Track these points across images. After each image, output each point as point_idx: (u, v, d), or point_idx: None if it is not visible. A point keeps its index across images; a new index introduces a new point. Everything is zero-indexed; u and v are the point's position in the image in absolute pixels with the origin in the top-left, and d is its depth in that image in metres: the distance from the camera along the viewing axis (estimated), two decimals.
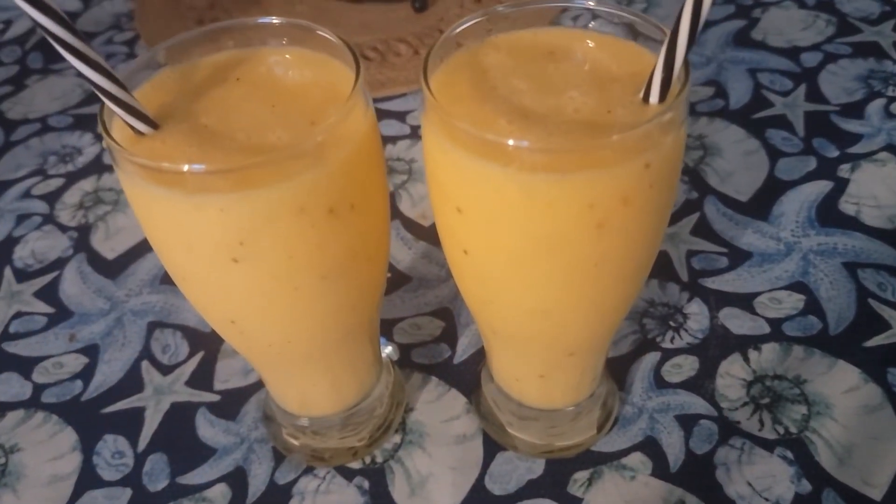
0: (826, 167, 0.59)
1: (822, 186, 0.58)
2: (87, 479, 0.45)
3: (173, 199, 0.29)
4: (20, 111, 0.73)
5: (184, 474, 0.45)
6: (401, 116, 0.68)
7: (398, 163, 0.63)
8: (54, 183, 0.65)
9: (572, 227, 0.29)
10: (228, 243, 0.30)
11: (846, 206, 0.56)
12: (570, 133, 0.29)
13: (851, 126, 0.62)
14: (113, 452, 0.46)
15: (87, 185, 0.64)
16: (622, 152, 0.28)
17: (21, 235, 0.60)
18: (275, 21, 0.34)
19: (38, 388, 0.50)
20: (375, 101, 0.69)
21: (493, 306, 0.35)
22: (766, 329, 0.49)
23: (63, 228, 0.61)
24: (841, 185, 0.58)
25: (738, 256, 0.53)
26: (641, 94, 0.31)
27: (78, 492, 0.44)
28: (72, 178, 0.65)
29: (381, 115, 0.68)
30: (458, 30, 0.33)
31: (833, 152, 0.60)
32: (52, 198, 0.63)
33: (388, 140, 0.65)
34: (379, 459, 0.45)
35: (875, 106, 0.64)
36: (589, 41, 0.34)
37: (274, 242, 0.30)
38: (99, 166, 0.66)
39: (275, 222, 0.29)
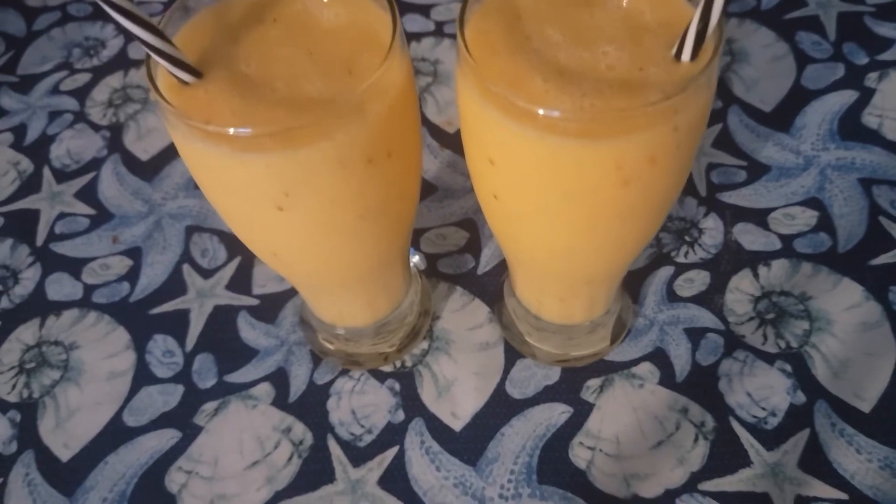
0: (853, 75, 0.59)
1: (848, 97, 0.58)
2: (142, 375, 0.49)
3: (221, 155, 0.30)
4: None
5: (230, 373, 0.49)
6: (424, 10, 0.67)
7: (423, 63, 0.63)
8: (81, 78, 0.65)
9: (599, 184, 0.31)
10: (274, 195, 0.32)
11: (869, 118, 0.56)
12: (602, 93, 0.30)
13: (885, 30, 0.61)
14: (164, 351, 0.50)
15: (114, 81, 0.65)
16: (651, 118, 0.29)
17: (55, 133, 0.62)
18: None
19: (89, 289, 0.53)
20: None
21: (520, 244, 0.38)
22: (778, 245, 0.51)
23: (95, 127, 0.62)
24: (866, 96, 0.57)
25: (757, 170, 0.55)
26: (674, 51, 0.31)
27: (135, 387, 0.49)
28: (99, 74, 0.66)
29: (403, 8, 0.67)
30: None
31: (862, 59, 0.60)
32: (81, 94, 0.64)
33: (411, 37, 0.65)
34: (408, 364, 0.48)
35: None
36: None
37: (316, 192, 0.32)
38: (124, 61, 0.66)
39: (317, 175, 0.31)
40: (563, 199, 0.32)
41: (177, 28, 0.34)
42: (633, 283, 0.50)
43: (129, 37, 0.30)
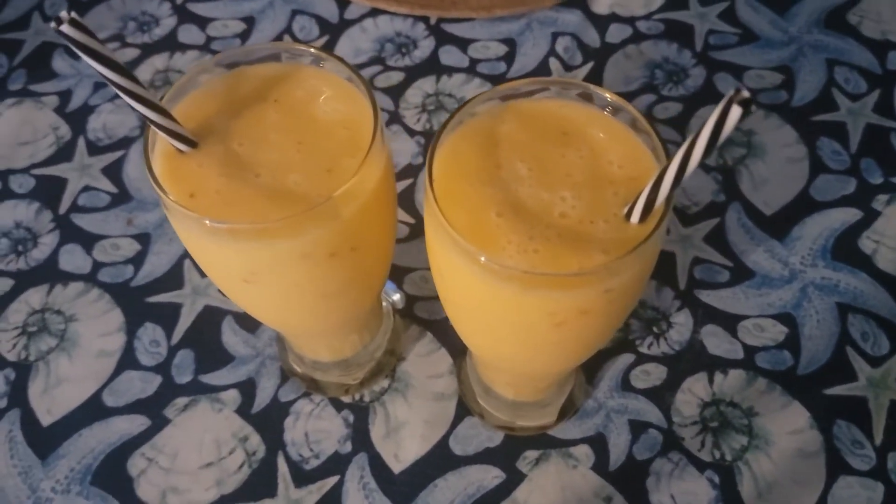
0: (863, 193, 0.59)
1: (851, 215, 0.58)
2: (127, 360, 0.53)
3: (199, 231, 0.33)
4: None
5: (205, 374, 0.53)
6: (463, 45, 0.68)
7: (448, 99, 0.65)
8: (130, 53, 0.69)
9: (534, 322, 0.33)
10: (240, 272, 0.35)
11: (865, 242, 0.57)
12: (549, 240, 0.32)
13: None
14: (151, 340, 0.54)
15: (159, 61, 0.68)
16: (584, 279, 0.31)
17: (96, 105, 0.66)
18: (312, 50, 0.37)
19: (97, 266, 0.57)
20: (441, 21, 0.69)
21: (470, 343, 0.40)
22: (740, 355, 0.53)
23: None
24: (870, 218, 0.58)
25: (741, 274, 0.56)
26: (625, 210, 0.33)
27: (119, 369, 0.53)
28: (146, 51, 0.69)
29: (443, 39, 0.68)
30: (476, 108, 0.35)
31: (877, 178, 0.60)
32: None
33: (443, 70, 0.66)
34: (366, 399, 0.52)
35: None
36: (602, 128, 0.36)
37: (279, 276, 0.35)
38: (173, 43, 0.69)
39: (280, 264, 0.34)
40: (503, 323, 0.35)
41: (187, 91, 0.37)
42: (592, 364, 0.52)
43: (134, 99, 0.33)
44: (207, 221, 0.32)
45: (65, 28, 0.30)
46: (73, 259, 0.58)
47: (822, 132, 0.62)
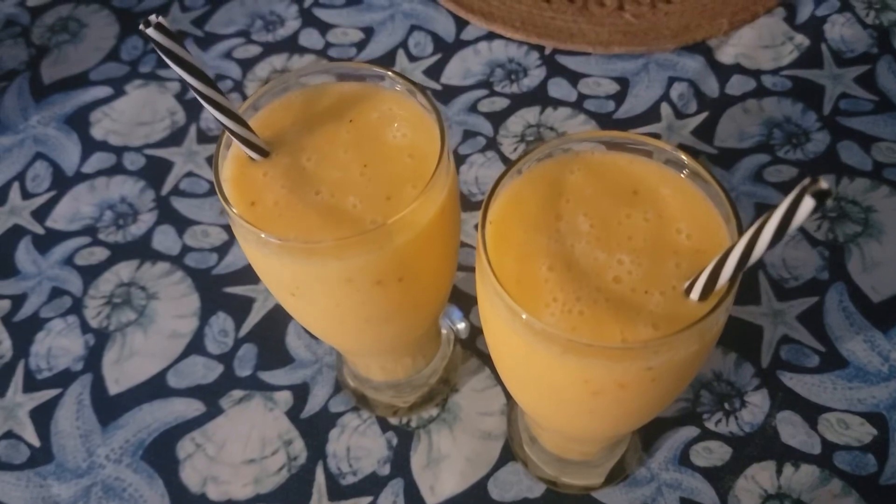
0: None
1: None
2: (196, 344, 0.55)
3: (252, 239, 0.34)
4: None
5: (264, 371, 0.54)
6: (574, 79, 0.66)
7: (548, 132, 0.64)
8: (253, 50, 0.72)
9: (569, 386, 0.32)
10: (287, 284, 0.35)
11: None
12: (596, 304, 0.31)
13: None
14: (220, 329, 0.56)
15: (277, 61, 0.71)
16: (625, 353, 0.29)
17: None
18: (390, 73, 0.37)
19: (185, 249, 0.60)
20: (556, 52, 0.68)
21: (511, 393, 0.39)
22: (817, 450, 0.48)
23: None
24: None
25: (833, 361, 0.51)
26: (685, 285, 0.31)
27: (186, 353, 0.55)
28: (267, 50, 0.71)
29: (554, 70, 0.67)
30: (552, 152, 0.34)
31: None
32: (246, 65, 0.70)
33: (550, 102, 0.65)
34: (413, 424, 0.51)
35: None
36: (676, 192, 0.33)
37: (322, 295, 0.35)
38: (293, 45, 0.71)
39: (324, 284, 0.34)
40: (539, 380, 0.33)
41: (269, 100, 0.38)
42: (650, 430, 0.49)
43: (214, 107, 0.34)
44: (263, 235, 0.32)
45: (151, 31, 0.31)
46: (165, 240, 0.61)
47: None
